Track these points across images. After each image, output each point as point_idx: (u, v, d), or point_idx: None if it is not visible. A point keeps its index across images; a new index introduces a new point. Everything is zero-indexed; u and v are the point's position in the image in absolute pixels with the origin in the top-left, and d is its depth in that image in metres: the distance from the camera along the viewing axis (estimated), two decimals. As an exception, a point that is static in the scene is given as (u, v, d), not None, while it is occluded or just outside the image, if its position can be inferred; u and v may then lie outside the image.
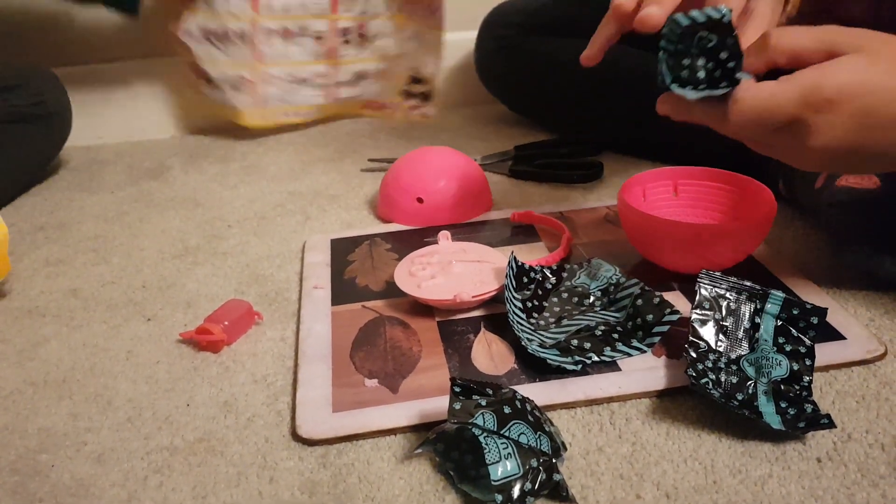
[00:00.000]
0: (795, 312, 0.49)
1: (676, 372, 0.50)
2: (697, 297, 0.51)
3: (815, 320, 0.49)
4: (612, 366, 0.51)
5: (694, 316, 0.50)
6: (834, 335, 0.53)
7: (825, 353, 0.50)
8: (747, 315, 0.50)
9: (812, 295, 0.58)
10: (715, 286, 0.51)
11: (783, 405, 0.46)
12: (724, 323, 0.50)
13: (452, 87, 1.18)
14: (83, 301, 0.67)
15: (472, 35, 1.08)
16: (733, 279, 0.51)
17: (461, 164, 0.78)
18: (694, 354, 0.49)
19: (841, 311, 0.55)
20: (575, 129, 0.98)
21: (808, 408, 0.46)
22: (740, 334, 0.50)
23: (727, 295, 0.51)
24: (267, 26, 1.03)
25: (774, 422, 0.44)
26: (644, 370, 0.50)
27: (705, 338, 0.50)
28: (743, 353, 0.49)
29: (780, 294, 0.50)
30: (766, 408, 0.46)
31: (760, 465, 0.43)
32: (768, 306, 0.50)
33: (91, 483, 0.45)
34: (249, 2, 1.00)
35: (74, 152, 1.08)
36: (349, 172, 0.94)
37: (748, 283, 0.51)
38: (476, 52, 1.07)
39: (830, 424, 0.44)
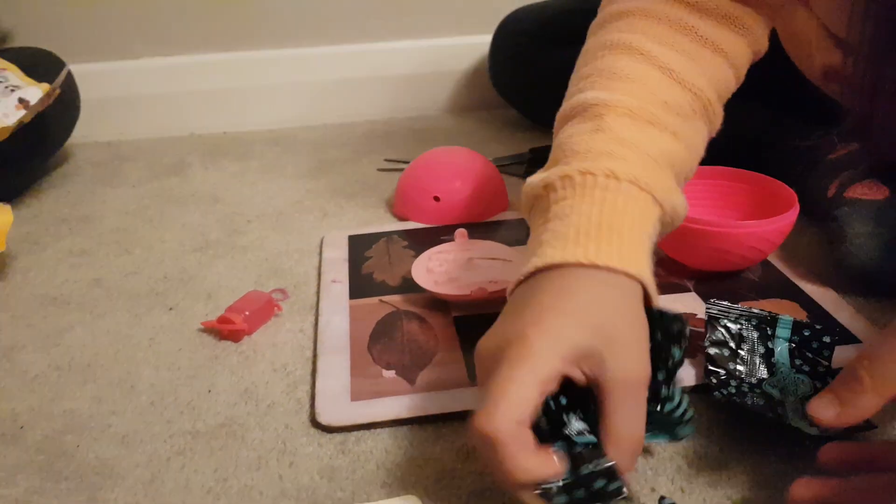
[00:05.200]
0: (806, 334, 0.49)
1: (696, 371, 0.50)
2: (707, 331, 0.50)
3: (827, 339, 0.48)
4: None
5: (708, 349, 0.50)
6: (851, 339, 0.53)
7: (844, 357, 0.50)
8: (760, 342, 0.50)
9: (830, 301, 0.58)
10: (724, 316, 0.51)
11: None
12: (739, 351, 0.50)
13: (467, 90, 1.19)
14: (106, 290, 0.68)
15: (485, 39, 1.08)
16: (740, 307, 0.51)
17: (478, 165, 0.79)
18: (714, 381, 0.48)
19: (858, 316, 0.56)
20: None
21: None
22: (757, 360, 0.49)
23: (737, 324, 0.50)
24: None
25: (813, 431, 0.42)
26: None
27: (723, 367, 0.49)
28: (763, 378, 0.48)
29: (789, 318, 0.50)
30: (800, 423, 0.43)
31: (774, 464, 0.43)
32: (779, 331, 0.50)
33: (115, 463, 0.46)
34: None
35: (96, 148, 1.10)
36: (366, 172, 0.95)
37: (756, 311, 0.51)
38: (490, 58, 1.08)
39: (870, 426, 0.43)
